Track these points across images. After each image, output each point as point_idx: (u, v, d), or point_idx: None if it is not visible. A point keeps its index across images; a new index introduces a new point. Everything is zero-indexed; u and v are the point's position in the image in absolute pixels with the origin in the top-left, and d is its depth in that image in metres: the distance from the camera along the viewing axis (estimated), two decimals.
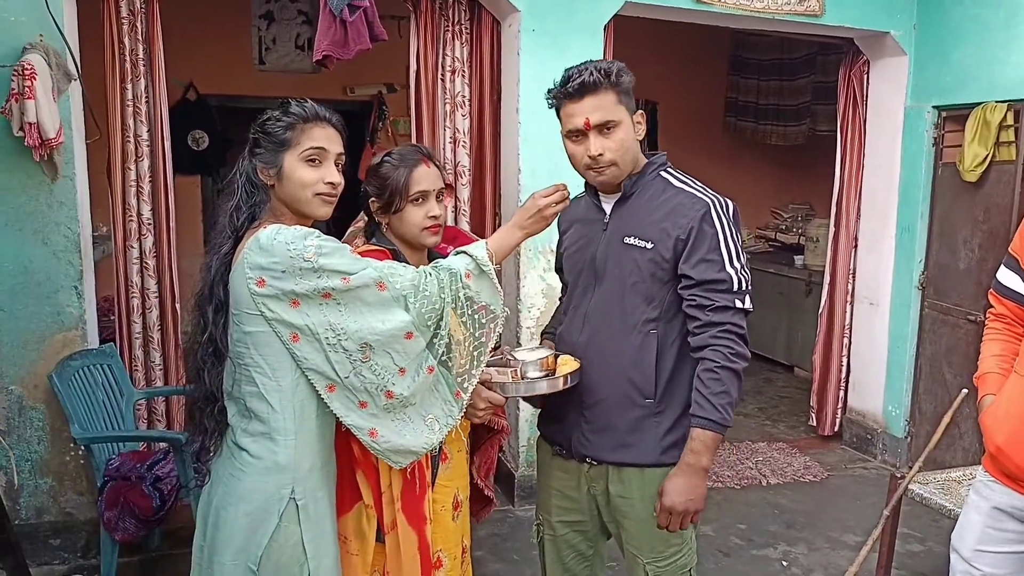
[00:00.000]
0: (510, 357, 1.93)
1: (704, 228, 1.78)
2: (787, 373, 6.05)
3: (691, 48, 6.13)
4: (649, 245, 1.81)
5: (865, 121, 4.38)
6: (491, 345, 1.71)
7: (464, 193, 3.63)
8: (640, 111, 1.87)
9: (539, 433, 2.13)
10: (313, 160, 1.63)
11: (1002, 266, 1.92)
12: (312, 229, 1.58)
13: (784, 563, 3.30)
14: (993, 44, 3.67)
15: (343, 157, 1.69)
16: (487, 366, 1.92)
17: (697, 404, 1.76)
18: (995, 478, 1.82)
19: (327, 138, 1.65)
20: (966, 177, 3.81)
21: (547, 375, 1.89)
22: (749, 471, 4.19)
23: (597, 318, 1.89)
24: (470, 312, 1.67)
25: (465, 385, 1.70)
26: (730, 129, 6.77)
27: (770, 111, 6.43)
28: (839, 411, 4.62)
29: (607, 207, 1.92)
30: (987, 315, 1.98)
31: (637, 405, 1.85)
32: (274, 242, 1.52)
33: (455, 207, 3.61)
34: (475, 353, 1.70)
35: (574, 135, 1.81)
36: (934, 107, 4.03)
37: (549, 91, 1.86)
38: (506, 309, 1.75)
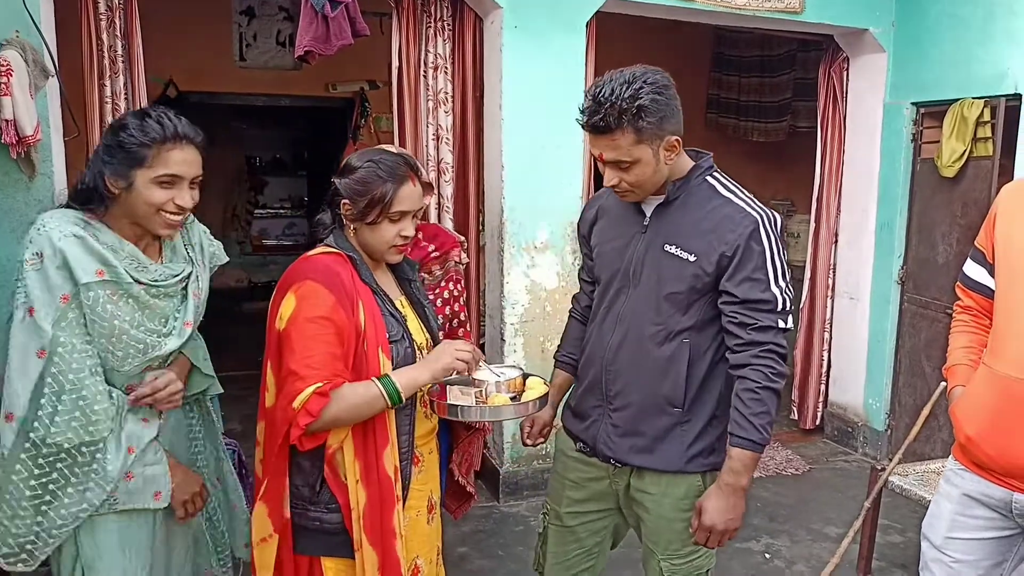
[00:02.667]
0: (475, 377, 1.84)
1: (752, 246, 1.73)
2: None
3: (673, 45, 6.14)
4: (692, 258, 1.77)
5: (845, 117, 4.41)
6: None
7: (447, 190, 3.63)
8: (676, 137, 1.76)
9: (562, 425, 2.09)
10: (167, 184, 1.64)
11: (968, 259, 1.95)
12: (66, 244, 1.59)
13: (767, 555, 3.33)
14: (970, 41, 3.72)
15: (200, 178, 1.70)
16: (450, 384, 1.86)
17: (737, 424, 1.74)
18: (965, 467, 1.85)
19: (185, 162, 1.64)
20: (944, 173, 3.86)
21: (514, 397, 1.83)
22: None
23: (630, 322, 1.86)
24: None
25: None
26: (712, 125, 6.79)
27: (751, 108, 6.46)
28: (820, 405, 4.66)
29: (647, 209, 1.86)
30: (955, 307, 2.00)
31: (665, 413, 1.84)
32: (32, 231, 1.60)
33: (438, 203, 3.60)
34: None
35: (598, 160, 1.79)
36: (913, 103, 4.08)
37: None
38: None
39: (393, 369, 1.72)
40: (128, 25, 3.16)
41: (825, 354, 4.59)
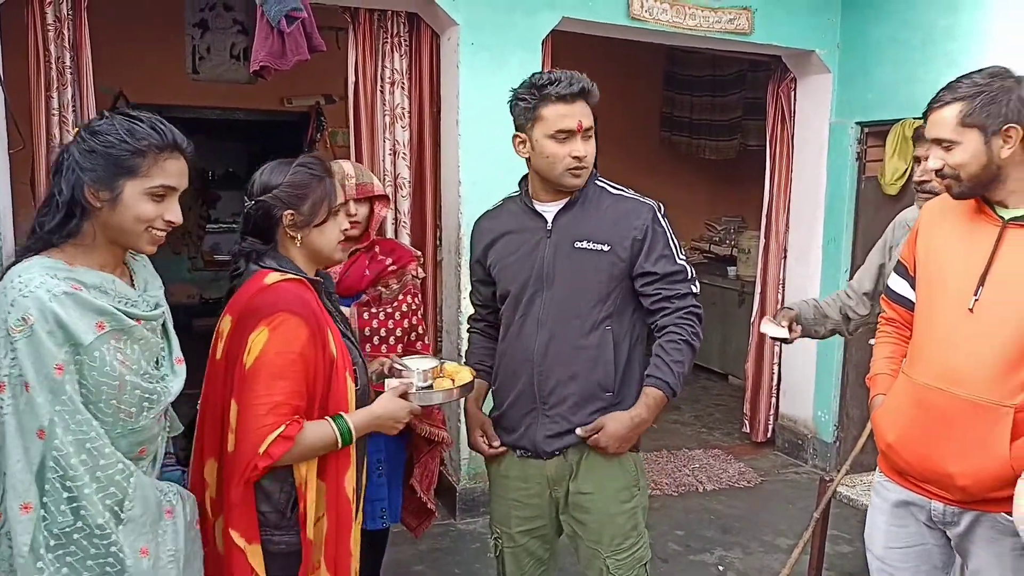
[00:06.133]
0: (399, 367, 1.93)
1: (656, 228, 1.96)
2: (722, 381, 6.19)
3: (627, 64, 6.25)
4: (606, 248, 1.94)
5: (793, 136, 4.53)
6: None
7: (404, 205, 3.62)
8: None
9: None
10: (159, 196, 1.47)
11: (892, 272, 2.03)
12: (59, 305, 1.36)
13: (720, 568, 3.37)
14: (911, 63, 3.86)
15: (183, 191, 1.54)
16: (381, 377, 1.93)
17: (657, 367, 1.94)
18: (888, 477, 1.92)
19: (179, 173, 1.50)
20: (887, 190, 3.99)
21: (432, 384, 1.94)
22: (686, 478, 4.27)
23: (553, 322, 1.97)
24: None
25: None
26: (665, 144, 6.92)
27: (703, 126, 6.60)
28: (771, 418, 4.75)
29: (548, 215, 1.99)
30: (879, 319, 2.08)
31: (599, 399, 1.97)
32: (10, 290, 1.36)
33: (395, 219, 3.59)
34: None
35: (562, 135, 1.89)
36: (857, 123, 4.21)
37: (532, 88, 1.89)
38: None
39: (357, 390, 1.74)
40: (77, 36, 3.10)
41: (775, 368, 4.68)
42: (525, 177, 2.12)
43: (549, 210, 1.99)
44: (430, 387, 1.94)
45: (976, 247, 1.73)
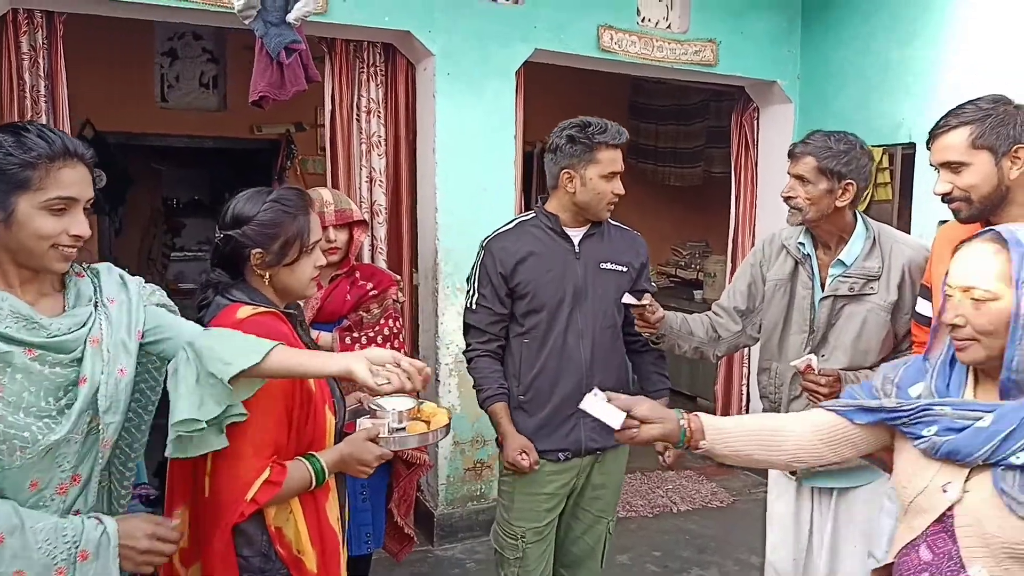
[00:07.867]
0: (374, 407, 1.87)
1: (647, 255, 2.49)
2: (690, 403, 6.26)
3: (593, 94, 6.34)
4: (624, 269, 2.39)
5: (756, 163, 4.67)
6: None
7: (380, 231, 3.65)
8: None
9: (537, 450, 2.31)
10: (59, 209, 1.33)
11: (919, 297, 2.06)
12: None
13: None
14: (868, 92, 4.02)
15: (92, 200, 1.40)
16: (356, 415, 1.89)
17: (658, 380, 2.48)
18: None
19: (79, 182, 1.35)
20: None
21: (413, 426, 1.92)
22: (660, 499, 4.32)
23: (592, 331, 2.32)
24: None
25: None
26: (632, 171, 7.03)
27: (668, 154, 6.74)
28: None
29: (575, 238, 2.34)
30: (913, 343, 2.08)
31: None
32: None
33: (372, 245, 3.62)
34: None
35: (611, 176, 2.28)
36: None
37: (587, 134, 2.23)
38: None
39: (337, 424, 1.72)
40: (53, 65, 3.10)
41: (744, 388, 4.77)
42: (538, 206, 2.41)
43: (576, 235, 2.34)
44: (404, 429, 1.85)
45: None
